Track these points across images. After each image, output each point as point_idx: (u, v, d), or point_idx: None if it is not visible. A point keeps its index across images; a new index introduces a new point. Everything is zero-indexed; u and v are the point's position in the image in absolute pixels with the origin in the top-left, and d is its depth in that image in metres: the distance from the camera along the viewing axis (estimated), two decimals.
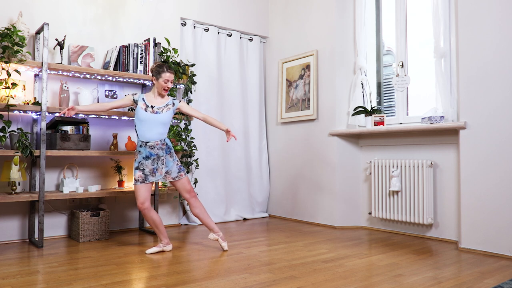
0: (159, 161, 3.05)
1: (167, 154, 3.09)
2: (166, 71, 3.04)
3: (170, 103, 3.12)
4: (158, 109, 3.05)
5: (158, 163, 3.05)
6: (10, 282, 2.34)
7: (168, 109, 3.09)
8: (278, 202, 4.94)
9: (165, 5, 4.33)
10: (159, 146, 3.04)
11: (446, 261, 2.87)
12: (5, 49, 3.04)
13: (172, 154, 3.12)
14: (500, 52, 3.07)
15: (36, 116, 3.49)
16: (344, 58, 4.33)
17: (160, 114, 3.05)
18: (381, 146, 4.06)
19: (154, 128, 3.03)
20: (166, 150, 3.08)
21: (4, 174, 3.22)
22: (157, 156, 3.05)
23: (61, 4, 3.71)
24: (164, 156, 3.07)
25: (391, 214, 3.82)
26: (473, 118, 3.21)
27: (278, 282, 2.37)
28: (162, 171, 3.06)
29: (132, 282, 2.36)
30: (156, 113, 3.04)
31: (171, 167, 3.09)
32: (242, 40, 4.98)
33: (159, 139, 3.05)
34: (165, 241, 3.13)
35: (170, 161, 3.09)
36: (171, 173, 3.09)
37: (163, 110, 3.07)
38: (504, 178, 3.03)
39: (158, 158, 3.05)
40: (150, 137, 3.02)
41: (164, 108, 3.08)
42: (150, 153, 3.03)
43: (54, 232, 3.62)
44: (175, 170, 3.10)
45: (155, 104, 3.07)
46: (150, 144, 3.02)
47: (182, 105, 3.17)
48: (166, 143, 3.09)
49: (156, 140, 3.03)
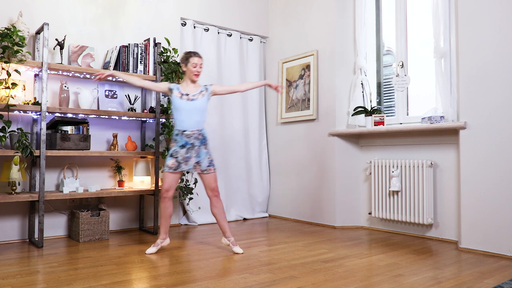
0: (193, 150, 3.05)
1: (202, 145, 3.07)
2: (193, 56, 3.09)
3: (203, 89, 3.11)
4: (193, 96, 3.06)
5: (192, 152, 3.04)
6: (10, 282, 2.34)
7: (202, 95, 3.08)
8: (278, 202, 4.94)
9: (165, 5, 4.33)
10: (195, 136, 3.04)
11: (446, 261, 2.87)
12: (5, 49, 3.04)
13: (207, 147, 3.10)
14: (500, 52, 3.07)
15: (36, 116, 3.49)
16: (344, 58, 4.33)
17: (196, 101, 3.05)
18: (381, 146, 4.06)
19: (191, 116, 3.04)
20: (202, 141, 3.07)
21: (4, 174, 3.22)
22: (192, 145, 3.04)
23: (61, 4, 3.71)
24: (198, 146, 3.06)
25: (391, 214, 3.82)
26: (473, 118, 3.21)
27: (278, 282, 2.37)
28: (193, 160, 3.05)
29: (132, 282, 2.36)
30: (192, 100, 3.05)
31: (202, 158, 3.06)
32: (242, 40, 4.98)
33: (196, 128, 3.04)
34: (163, 236, 3.12)
35: (204, 152, 3.07)
36: (201, 164, 3.07)
37: (198, 97, 3.07)
38: (504, 178, 3.03)
39: (193, 147, 3.05)
40: (188, 126, 3.03)
41: (198, 95, 3.07)
42: (186, 141, 3.03)
43: (54, 232, 3.62)
44: (206, 163, 3.07)
45: (189, 91, 3.08)
46: (186, 133, 3.03)
47: (215, 88, 3.15)
48: (203, 133, 3.08)
49: (193, 129, 3.04)
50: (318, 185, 4.40)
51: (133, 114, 3.73)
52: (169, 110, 3.93)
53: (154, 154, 3.85)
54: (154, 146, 3.99)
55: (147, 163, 3.92)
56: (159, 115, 3.87)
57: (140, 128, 4.11)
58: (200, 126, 3.07)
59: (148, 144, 4.10)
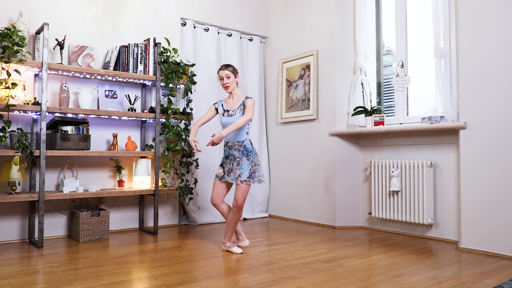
0: (234, 162, 3.06)
1: (244, 156, 3.05)
2: (219, 70, 3.13)
3: (241, 104, 3.11)
4: (232, 112, 3.11)
5: (234, 164, 3.06)
6: (10, 282, 2.34)
7: (240, 109, 3.10)
8: (278, 202, 4.94)
9: (165, 5, 4.33)
10: (236, 147, 3.06)
11: (446, 261, 2.87)
12: (5, 49, 3.04)
13: (250, 158, 3.05)
14: (500, 52, 3.07)
15: (36, 116, 3.49)
16: (344, 58, 4.33)
17: (234, 116, 3.09)
18: (381, 146, 4.06)
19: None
20: (243, 152, 3.05)
21: (4, 174, 3.22)
22: (233, 156, 3.07)
23: (61, 4, 3.71)
24: (240, 158, 3.05)
25: (391, 214, 3.82)
26: (473, 118, 3.21)
27: (278, 282, 2.37)
28: (236, 172, 3.03)
29: (132, 282, 2.36)
30: (231, 116, 3.10)
31: (244, 170, 3.02)
32: (242, 40, 4.98)
33: (236, 140, 3.07)
34: (240, 237, 3.19)
35: (246, 164, 3.03)
36: (241, 176, 3.02)
37: (236, 112, 3.11)
38: (504, 178, 3.03)
39: (234, 159, 3.07)
40: (229, 138, 3.10)
41: (237, 110, 3.11)
42: (228, 153, 3.10)
43: (54, 232, 3.62)
44: (246, 175, 3.01)
45: (230, 107, 3.14)
46: (229, 144, 3.10)
47: (247, 102, 3.09)
48: (245, 145, 3.06)
49: (233, 140, 3.08)
50: (318, 185, 4.40)
51: (133, 114, 3.73)
52: (169, 110, 3.94)
53: (154, 154, 3.85)
54: (154, 146, 3.99)
55: (147, 163, 3.92)
56: (159, 115, 3.87)
57: (140, 128, 4.12)
58: (241, 138, 3.07)
59: (148, 144, 4.10)
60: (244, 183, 3.00)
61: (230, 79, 3.09)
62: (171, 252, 3.10)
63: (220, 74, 3.10)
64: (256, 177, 3.05)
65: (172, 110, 3.96)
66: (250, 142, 3.11)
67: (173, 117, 3.96)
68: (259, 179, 3.06)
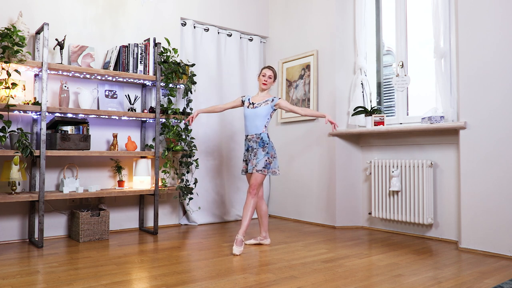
0: (252, 152, 3.27)
1: (260, 148, 3.24)
2: (265, 68, 3.41)
3: (270, 99, 3.35)
4: (257, 105, 3.33)
5: (251, 154, 3.27)
6: (10, 282, 2.34)
7: (266, 104, 3.32)
8: (278, 202, 4.94)
9: (165, 5, 4.33)
10: (254, 139, 3.27)
11: (446, 261, 2.87)
12: (5, 49, 3.04)
13: (266, 149, 3.24)
14: (500, 52, 3.07)
15: (36, 116, 3.49)
16: (344, 58, 4.33)
17: (258, 108, 3.31)
18: (381, 146, 4.06)
19: (252, 122, 3.30)
20: (260, 144, 3.25)
21: (4, 174, 3.22)
22: (251, 148, 3.28)
23: (61, 4, 3.71)
24: (257, 149, 3.24)
25: (391, 214, 3.82)
26: (473, 118, 3.21)
27: (278, 282, 2.37)
28: (253, 162, 3.22)
29: (132, 282, 2.36)
30: (255, 108, 3.32)
31: (259, 160, 3.21)
32: (242, 40, 4.98)
33: (255, 132, 3.28)
34: (263, 235, 3.39)
35: (262, 154, 3.22)
36: (257, 165, 3.20)
37: (261, 104, 3.32)
38: (504, 178, 3.03)
39: (252, 150, 3.27)
40: (249, 131, 3.31)
41: (262, 103, 3.32)
42: (248, 145, 3.32)
43: (54, 232, 3.62)
44: (261, 165, 3.20)
45: (256, 101, 3.37)
46: (248, 137, 3.32)
47: (281, 102, 3.35)
48: (262, 137, 3.26)
49: (252, 133, 3.29)
50: (318, 185, 4.40)
51: (133, 114, 3.73)
52: (169, 110, 3.94)
53: (154, 154, 3.85)
54: (154, 146, 3.99)
55: (147, 163, 3.92)
56: (159, 115, 3.87)
57: (140, 128, 4.12)
58: (259, 130, 3.28)
59: (148, 144, 4.10)
60: (260, 172, 3.19)
61: (271, 80, 3.37)
62: (171, 252, 3.10)
63: (265, 72, 3.36)
64: (271, 168, 3.24)
65: (172, 110, 3.96)
66: (267, 136, 3.30)
67: (173, 117, 3.96)
68: (273, 171, 3.24)
